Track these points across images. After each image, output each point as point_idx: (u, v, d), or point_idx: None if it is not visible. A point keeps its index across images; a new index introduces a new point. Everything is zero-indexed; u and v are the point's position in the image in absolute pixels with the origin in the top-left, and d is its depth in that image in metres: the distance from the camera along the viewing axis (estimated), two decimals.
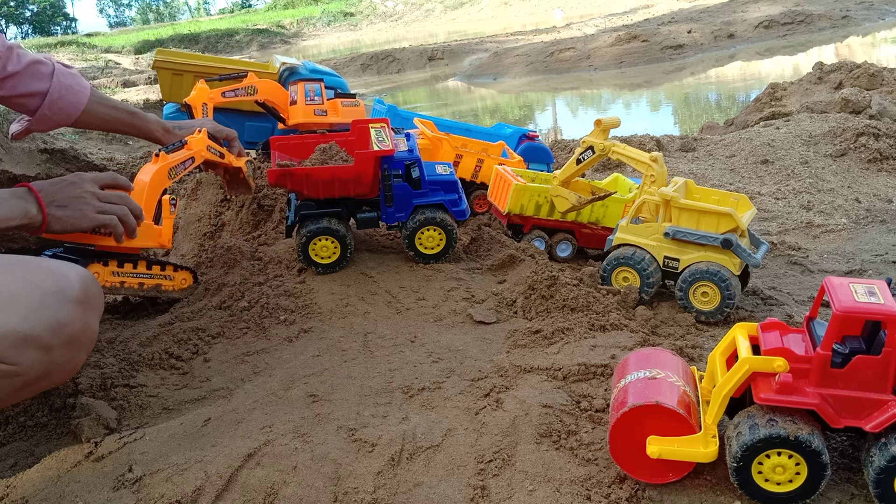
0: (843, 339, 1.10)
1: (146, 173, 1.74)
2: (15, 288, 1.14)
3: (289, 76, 2.83)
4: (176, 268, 1.83)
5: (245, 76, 2.52)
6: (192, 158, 1.85)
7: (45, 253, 1.60)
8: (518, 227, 2.33)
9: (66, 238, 1.57)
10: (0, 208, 1.37)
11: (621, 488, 1.15)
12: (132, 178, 1.74)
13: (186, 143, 1.86)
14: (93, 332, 1.25)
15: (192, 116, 2.43)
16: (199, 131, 1.90)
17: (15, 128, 1.81)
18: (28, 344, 1.12)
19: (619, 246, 1.93)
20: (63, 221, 1.47)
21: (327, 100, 2.54)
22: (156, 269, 1.78)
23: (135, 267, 1.73)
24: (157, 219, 1.74)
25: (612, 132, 2.06)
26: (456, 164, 2.48)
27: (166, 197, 1.76)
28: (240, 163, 2.04)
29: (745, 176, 3.45)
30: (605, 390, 1.42)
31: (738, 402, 1.17)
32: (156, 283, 1.78)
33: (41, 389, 1.24)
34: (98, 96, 1.87)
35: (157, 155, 1.78)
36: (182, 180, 2.97)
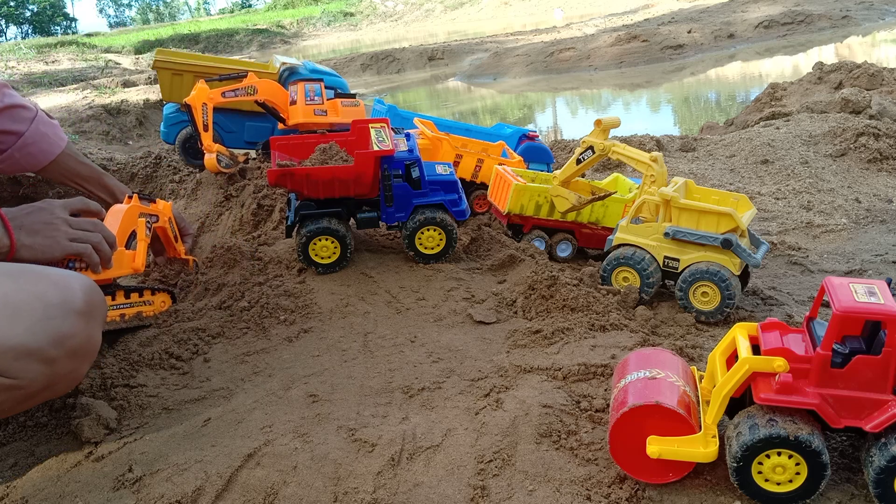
0: (843, 339, 1.10)
1: (118, 207, 1.73)
2: (18, 299, 1.12)
3: (289, 76, 2.83)
4: (153, 291, 1.76)
5: (245, 76, 2.52)
6: (157, 217, 1.85)
7: None
8: (518, 227, 2.33)
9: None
10: None
11: (621, 488, 1.15)
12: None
13: (154, 203, 1.87)
14: (96, 343, 1.24)
15: (192, 116, 2.43)
16: (128, 198, 1.85)
17: None
18: (31, 357, 1.11)
19: (619, 246, 1.93)
20: (33, 249, 1.39)
21: (327, 100, 2.54)
22: (134, 296, 1.70)
23: (113, 298, 1.65)
24: (128, 245, 1.71)
25: (612, 132, 2.06)
26: (456, 164, 2.48)
27: (142, 220, 1.73)
28: (186, 256, 2.02)
29: (745, 176, 3.45)
30: (605, 390, 1.42)
31: (738, 402, 1.17)
32: (136, 312, 1.71)
33: (44, 400, 1.23)
34: (73, 151, 1.87)
35: (129, 197, 1.79)
36: (181, 180, 2.98)
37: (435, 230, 1.98)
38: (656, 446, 1.11)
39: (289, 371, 1.55)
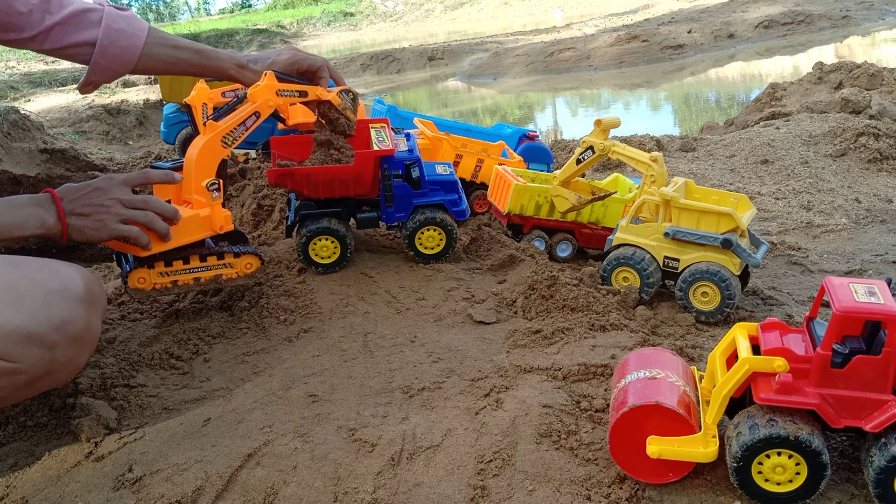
0: (843, 339, 1.10)
1: (194, 149, 1.60)
2: (19, 286, 1.14)
3: None
4: (237, 254, 1.71)
5: None
6: (257, 113, 1.67)
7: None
8: (518, 227, 2.33)
9: (111, 246, 1.50)
10: (13, 215, 1.31)
11: (621, 488, 1.15)
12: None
13: (246, 97, 1.68)
14: (96, 331, 1.26)
15: (192, 116, 2.43)
16: (265, 75, 1.70)
17: (81, 82, 1.70)
18: (31, 342, 1.12)
19: (619, 246, 1.94)
20: (83, 232, 1.39)
21: None
22: (212, 259, 1.67)
23: (186, 262, 1.63)
24: (224, 192, 1.62)
25: (612, 132, 2.06)
26: (456, 164, 2.48)
27: (203, 183, 1.61)
28: (330, 95, 1.79)
29: (745, 176, 3.45)
30: (605, 390, 1.42)
31: (738, 402, 1.17)
32: (214, 275, 1.67)
33: (43, 388, 1.24)
34: (158, 37, 1.69)
35: (204, 124, 1.63)
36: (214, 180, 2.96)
37: (435, 230, 1.98)
38: (656, 446, 1.11)
39: (289, 371, 1.55)
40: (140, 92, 7.17)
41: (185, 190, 1.60)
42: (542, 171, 2.66)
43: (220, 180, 1.65)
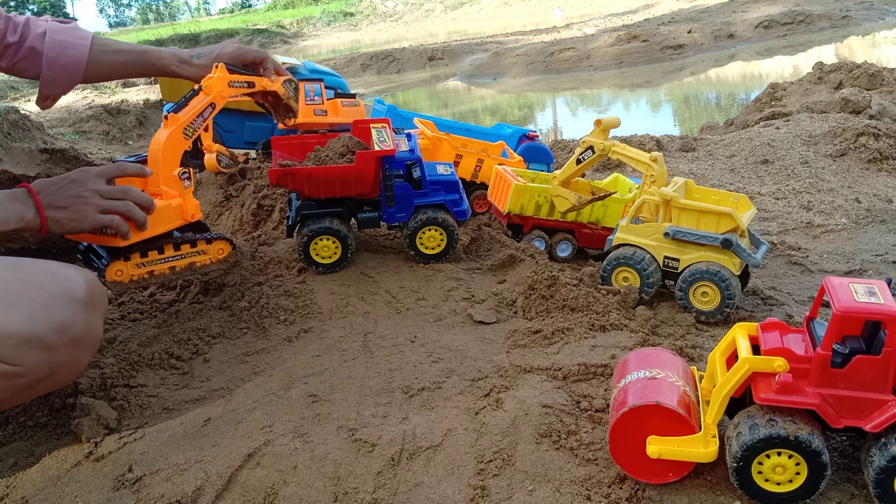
0: (843, 339, 1.10)
1: (157, 143, 1.62)
2: (19, 288, 1.14)
3: None
4: (209, 240, 1.74)
5: None
6: (212, 105, 1.70)
7: (81, 245, 1.55)
8: (518, 227, 2.33)
9: (81, 238, 1.52)
10: None
11: (621, 488, 1.15)
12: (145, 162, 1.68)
13: (202, 90, 1.71)
14: (97, 334, 1.25)
15: None
16: (216, 68, 1.74)
17: (38, 101, 1.74)
18: (32, 345, 1.12)
19: (619, 246, 1.94)
20: (62, 224, 1.40)
21: (327, 100, 2.55)
22: (185, 247, 1.69)
23: (160, 252, 1.65)
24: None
25: (612, 132, 2.06)
26: (456, 164, 2.48)
27: (175, 172, 1.64)
28: (275, 85, 1.86)
29: (745, 176, 3.45)
30: (605, 390, 1.42)
31: (738, 402, 1.18)
32: (188, 263, 1.70)
33: (45, 391, 1.24)
34: (102, 44, 1.74)
35: (165, 118, 1.65)
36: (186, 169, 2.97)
37: (436, 230, 1.98)
38: (656, 446, 1.11)
39: (289, 371, 1.55)
40: (140, 92, 7.18)
41: (152, 182, 1.62)
42: (542, 171, 2.66)
43: (191, 169, 1.68)
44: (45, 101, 1.73)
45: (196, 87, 1.73)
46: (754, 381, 1.12)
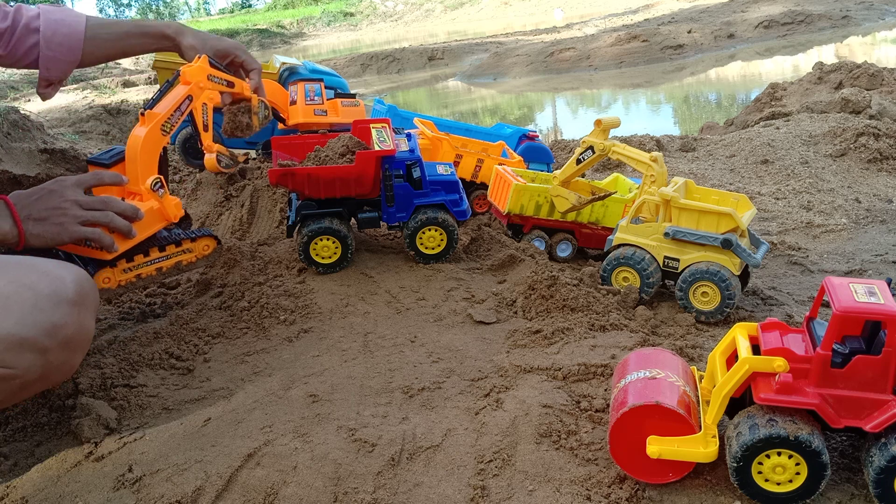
0: (843, 339, 1.10)
1: (135, 141, 1.57)
2: (8, 291, 1.13)
3: (289, 76, 2.83)
4: (193, 238, 1.74)
5: None
6: (189, 97, 1.65)
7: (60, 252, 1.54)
8: (518, 227, 2.33)
9: (68, 249, 1.50)
10: None
11: (621, 488, 1.15)
12: None
13: (178, 77, 1.65)
14: (88, 333, 1.25)
15: (192, 116, 2.42)
16: (198, 58, 1.68)
17: (39, 88, 1.73)
18: (24, 347, 1.11)
19: (619, 246, 1.93)
20: (41, 237, 1.36)
21: (327, 100, 2.54)
22: (170, 248, 1.69)
23: (146, 255, 1.65)
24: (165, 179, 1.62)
25: (612, 132, 2.06)
26: (456, 164, 2.48)
27: (148, 183, 1.59)
28: (253, 97, 1.84)
29: (745, 176, 3.45)
30: (605, 390, 1.42)
31: (738, 402, 1.18)
32: (174, 262, 1.70)
33: (38, 391, 1.24)
34: (97, 21, 1.73)
35: (142, 114, 1.60)
36: (181, 180, 2.97)
37: (436, 230, 1.98)
38: (656, 446, 1.11)
39: (289, 371, 1.55)
40: (140, 92, 7.17)
41: (132, 182, 1.58)
42: (542, 171, 2.66)
43: (161, 176, 1.64)
44: (48, 86, 1.70)
45: (176, 72, 1.69)
46: (754, 381, 1.12)
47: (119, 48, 1.79)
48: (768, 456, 1.07)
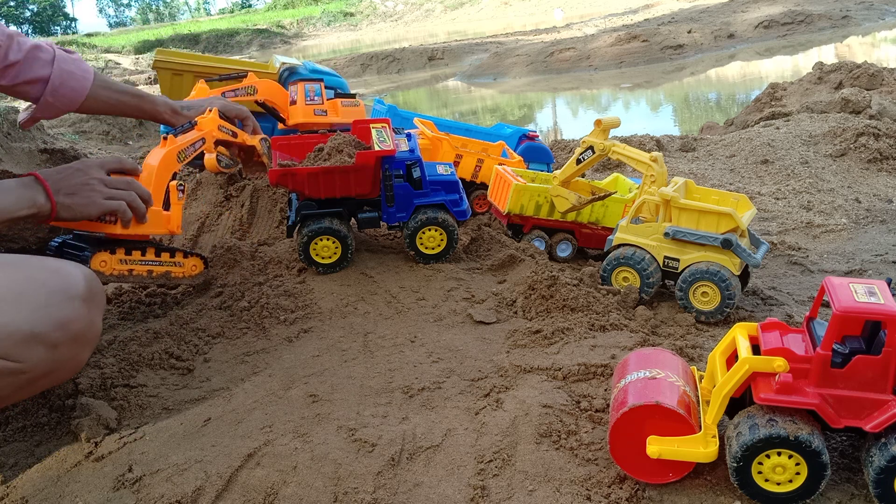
0: (843, 339, 1.10)
1: (154, 157, 1.72)
2: (20, 286, 1.16)
3: (289, 76, 2.82)
4: (186, 254, 1.81)
5: (245, 76, 2.51)
6: (203, 139, 1.84)
7: (54, 241, 1.59)
8: (518, 227, 2.33)
9: (73, 226, 1.56)
10: (7, 198, 1.36)
11: (621, 488, 1.15)
12: (140, 162, 1.74)
13: (196, 125, 1.84)
14: (97, 329, 1.27)
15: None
16: (210, 111, 1.89)
17: (22, 116, 1.80)
18: (34, 341, 1.13)
19: (619, 246, 1.93)
20: (72, 209, 1.46)
21: (327, 100, 2.54)
22: (165, 256, 1.75)
23: (143, 254, 1.70)
24: (166, 204, 1.72)
25: (612, 132, 2.06)
26: (456, 164, 2.48)
27: (174, 182, 1.73)
28: (254, 141, 2.03)
29: (745, 176, 3.45)
30: (605, 390, 1.42)
31: (738, 402, 1.18)
32: (165, 271, 1.75)
33: (45, 387, 1.25)
34: (102, 81, 1.84)
35: (164, 138, 1.76)
36: (181, 180, 2.97)
37: (436, 230, 1.98)
38: (656, 446, 1.11)
39: (289, 371, 1.55)
40: None
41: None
42: (542, 171, 2.65)
43: (185, 184, 1.79)
44: (32, 122, 1.80)
45: (192, 121, 1.86)
46: (754, 381, 1.12)
47: (112, 112, 1.93)
48: (768, 456, 1.07)
